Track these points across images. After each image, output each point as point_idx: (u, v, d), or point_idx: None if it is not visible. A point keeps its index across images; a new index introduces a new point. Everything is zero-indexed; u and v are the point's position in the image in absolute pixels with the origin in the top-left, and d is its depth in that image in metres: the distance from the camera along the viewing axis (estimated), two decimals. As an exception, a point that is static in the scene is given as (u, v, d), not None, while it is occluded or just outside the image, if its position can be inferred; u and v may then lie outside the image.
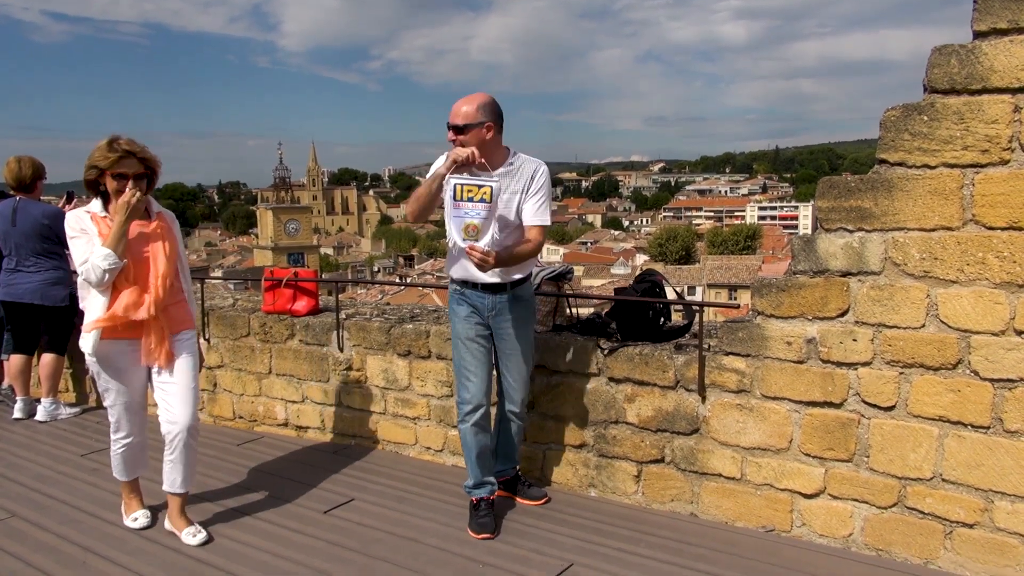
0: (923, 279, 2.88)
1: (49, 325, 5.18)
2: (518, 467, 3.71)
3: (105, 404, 3.32)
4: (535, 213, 3.24)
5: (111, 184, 3.12)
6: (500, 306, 3.29)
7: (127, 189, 3.08)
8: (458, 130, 3.15)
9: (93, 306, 3.15)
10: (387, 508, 3.59)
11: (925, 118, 2.82)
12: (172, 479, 3.25)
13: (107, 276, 3.06)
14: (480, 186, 3.00)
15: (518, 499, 3.62)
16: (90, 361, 3.20)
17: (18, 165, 4.99)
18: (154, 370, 3.24)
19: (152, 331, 3.17)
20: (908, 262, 2.90)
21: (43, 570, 3.02)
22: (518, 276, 3.33)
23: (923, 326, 2.90)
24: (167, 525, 3.32)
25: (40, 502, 3.71)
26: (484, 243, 2.97)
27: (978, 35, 2.72)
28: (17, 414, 5.15)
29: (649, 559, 3.06)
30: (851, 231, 3.00)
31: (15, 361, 5.21)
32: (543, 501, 3.61)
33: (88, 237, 3.11)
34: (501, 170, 3.22)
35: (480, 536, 3.27)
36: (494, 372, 3.44)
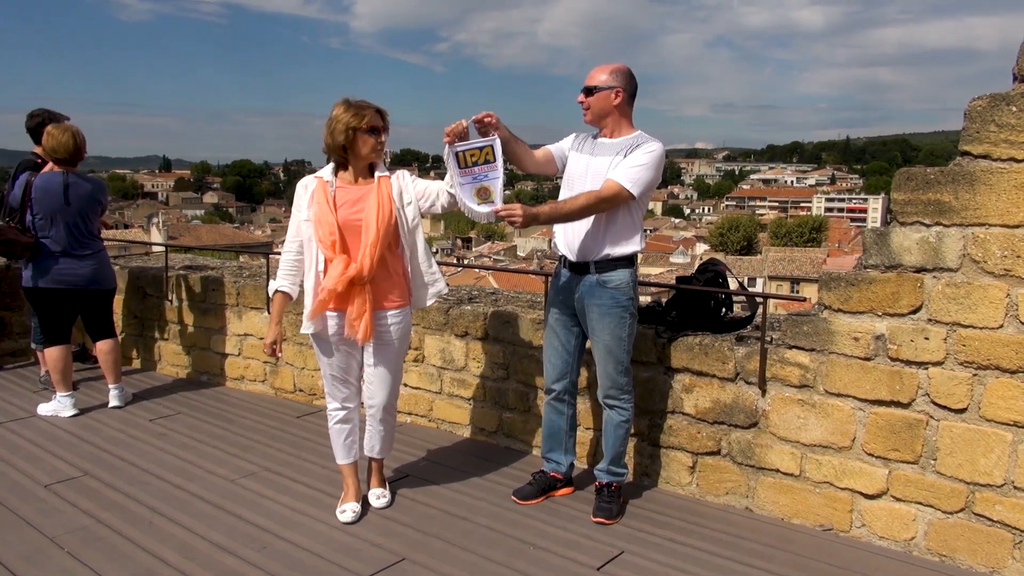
0: (1003, 278, 2.76)
1: (102, 309, 4.79)
2: (613, 473, 3.35)
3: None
4: (616, 168, 3.06)
5: (365, 141, 3.04)
6: (584, 289, 3.22)
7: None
8: (587, 92, 3.15)
9: (307, 285, 3.14)
10: (441, 486, 3.63)
11: (1014, 109, 2.68)
12: (371, 446, 3.43)
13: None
14: (482, 147, 3.03)
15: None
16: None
17: (65, 134, 4.46)
18: (367, 344, 3.19)
19: (354, 304, 3.05)
20: (988, 259, 2.78)
21: (112, 527, 3.15)
22: (603, 255, 3.15)
23: (1001, 327, 2.78)
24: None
25: (111, 463, 3.87)
26: (499, 202, 3.01)
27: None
28: (114, 402, 4.80)
29: (701, 551, 3.03)
30: (928, 225, 2.89)
31: (59, 354, 4.62)
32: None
33: (296, 221, 3.14)
34: (619, 140, 3.17)
35: (512, 497, 3.47)
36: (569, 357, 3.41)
